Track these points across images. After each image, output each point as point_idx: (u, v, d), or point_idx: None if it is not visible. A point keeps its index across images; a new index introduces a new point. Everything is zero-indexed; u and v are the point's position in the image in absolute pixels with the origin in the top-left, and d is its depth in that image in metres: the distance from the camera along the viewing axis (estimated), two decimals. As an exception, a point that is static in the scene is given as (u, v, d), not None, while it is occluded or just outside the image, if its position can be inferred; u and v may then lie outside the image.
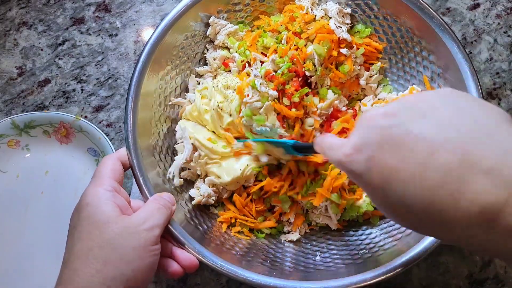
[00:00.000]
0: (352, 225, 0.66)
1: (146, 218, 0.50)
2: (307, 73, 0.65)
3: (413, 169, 0.32)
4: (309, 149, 0.57)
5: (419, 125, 0.33)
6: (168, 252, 0.54)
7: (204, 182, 0.65)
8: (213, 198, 0.64)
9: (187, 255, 0.54)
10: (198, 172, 0.65)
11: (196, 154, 0.64)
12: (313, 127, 0.64)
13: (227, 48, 0.70)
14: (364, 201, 0.63)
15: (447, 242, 0.46)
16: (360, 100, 0.71)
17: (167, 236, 0.55)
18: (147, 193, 0.56)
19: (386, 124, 0.35)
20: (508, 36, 0.76)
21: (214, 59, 0.70)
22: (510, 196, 0.30)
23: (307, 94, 0.65)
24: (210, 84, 0.66)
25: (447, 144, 0.32)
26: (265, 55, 0.66)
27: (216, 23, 0.68)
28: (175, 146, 0.66)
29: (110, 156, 0.56)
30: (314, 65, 0.65)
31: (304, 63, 0.65)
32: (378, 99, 0.70)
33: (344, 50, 0.66)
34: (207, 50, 0.71)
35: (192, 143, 0.64)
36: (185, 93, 0.70)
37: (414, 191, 0.33)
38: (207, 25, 0.68)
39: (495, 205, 0.30)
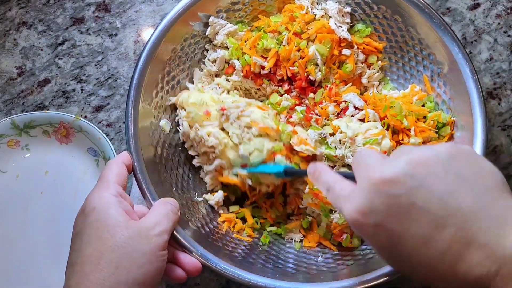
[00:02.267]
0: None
1: (156, 223, 0.50)
2: (310, 77, 0.65)
3: (418, 239, 0.37)
4: (301, 175, 0.59)
5: (423, 196, 0.37)
6: (170, 256, 0.53)
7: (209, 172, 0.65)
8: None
9: (190, 259, 0.54)
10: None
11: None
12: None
13: (227, 48, 0.70)
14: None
15: None
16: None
17: (170, 240, 0.54)
18: (149, 196, 0.56)
19: (392, 193, 0.37)
20: (508, 36, 0.76)
21: (214, 61, 0.69)
22: (501, 268, 0.34)
23: (314, 92, 0.66)
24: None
25: (448, 220, 0.36)
26: (265, 58, 0.66)
27: (215, 23, 0.68)
28: (193, 163, 0.66)
29: (115, 160, 0.55)
30: (317, 65, 0.65)
31: (306, 67, 0.65)
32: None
33: (346, 51, 0.66)
34: (207, 51, 0.71)
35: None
36: (188, 83, 0.69)
37: (417, 258, 0.37)
38: (207, 25, 0.68)
39: (488, 276, 0.34)
